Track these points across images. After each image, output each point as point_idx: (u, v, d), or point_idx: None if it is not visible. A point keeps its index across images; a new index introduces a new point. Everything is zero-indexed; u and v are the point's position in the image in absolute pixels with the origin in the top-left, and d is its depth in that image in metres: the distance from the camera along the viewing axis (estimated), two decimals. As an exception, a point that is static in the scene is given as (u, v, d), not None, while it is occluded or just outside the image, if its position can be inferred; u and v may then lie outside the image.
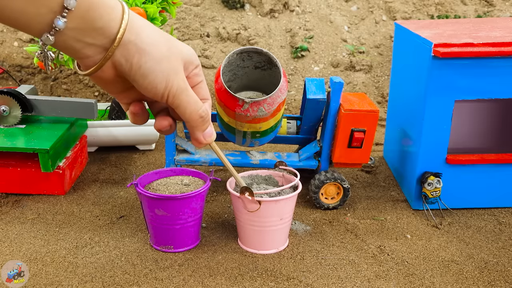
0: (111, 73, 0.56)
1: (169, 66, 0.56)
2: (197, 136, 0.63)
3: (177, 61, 0.57)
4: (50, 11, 0.49)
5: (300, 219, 1.43)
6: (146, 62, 0.54)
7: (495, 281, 1.17)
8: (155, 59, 0.55)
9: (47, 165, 1.47)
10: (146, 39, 0.55)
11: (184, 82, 0.58)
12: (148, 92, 0.57)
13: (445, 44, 1.32)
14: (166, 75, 0.56)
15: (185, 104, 0.59)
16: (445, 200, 1.46)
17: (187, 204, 1.21)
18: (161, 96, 0.57)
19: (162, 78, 0.56)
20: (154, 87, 0.56)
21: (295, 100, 2.31)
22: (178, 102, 0.58)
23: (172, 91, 0.57)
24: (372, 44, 2.48)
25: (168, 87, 0.57)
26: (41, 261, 1.22)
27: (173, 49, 0.57)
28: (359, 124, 1.40)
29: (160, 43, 0.56)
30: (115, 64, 0.55)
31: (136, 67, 0.54)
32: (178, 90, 0.57)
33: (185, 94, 0.58)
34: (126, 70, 0.55)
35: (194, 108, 0.60)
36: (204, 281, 1.15)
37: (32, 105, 1.62)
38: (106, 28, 0.52)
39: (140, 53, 0.54)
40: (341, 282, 1.15)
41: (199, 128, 0.62)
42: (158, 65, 0.55)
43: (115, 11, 0.53)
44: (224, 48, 2.45)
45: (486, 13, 2.57)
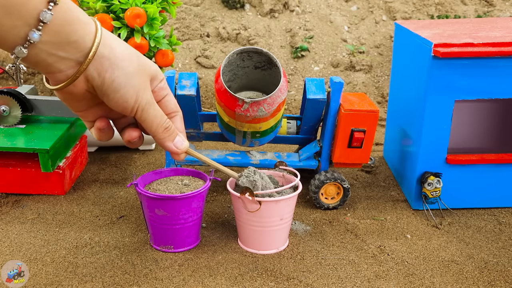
0: (82, 87, 0.56)
1: (139, 81, 0.58)
2: (169, 147, 0.65)
3: (146, 76, 0.59)
4: (25, 24, 0.50)
5: (300, 219, 1.43)
6: (119, 77, 0.56)
7: (495, 281, 1.17)
8: (127, 74, 0.56)
9: (47, 165, 1.47)
10: (120, 54, 0.56)
11: (151, 96, 0.60)
12: (118, 106, 0.58)
13: (445, 44, 1.32)
14: (137, 90, 0.58)
15: (151, 118, 0.61)
16: (445, 200, 1.46)
17: (187, 204, 1.21)
18: (131, 110, 0.59)
19: (133, 93, 0.57)
20: (125, 101, 0.57)
21: (295, 100, 2.31)
22: (145, 116, 0.60)
23: (141, 105, 0.59)
24: (372, 44, 2.48)
25: (137, 101, 0.58)
26: (41, 261, 1.22)
27: (143, 65, 0.59)
28: (359, 124, 1.40)
29: (132, 59, 0.57)
30: (88, 78, 0.55)
31: (109, 82, 0.55)
32: (146, 104, 0.59)
33: (152, 109, 0.60)
34: (98, 84, 0.56)
35: (159, 121, 0.62)
36: (204, 281, 1.15)
37: (32, 105, 1.62)
38: (81, 42, 0.53)
39: (113, 67, 0.55)
40: (341, 282, 1.15)
41: (168, 139, 0.64)
42: (130, 80, 0.56)
43: (89, 26, 0.54)
44: (224, 48, 2.45)
45: (486, 13, 2.57)
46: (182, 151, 0.66)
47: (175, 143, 0.65)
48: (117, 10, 1.53)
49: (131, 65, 0.57)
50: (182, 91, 1.40)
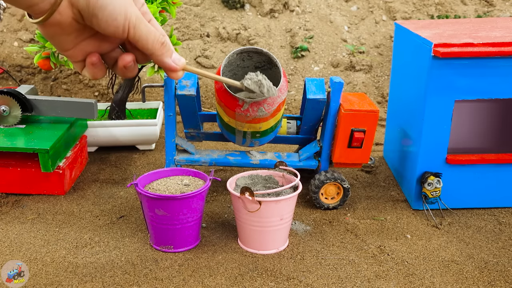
0: (68, 15, 0.56)
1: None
2: (167, 64, 0.63)
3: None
4: None
5: (300, 219, 1.43)
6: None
7: (495, 281, 1.17)
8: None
9: (47, 165, 1.47)
10: None
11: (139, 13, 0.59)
12: (108, 26, 0.57)
13: (445, 44, 1.32)
14: (123, 5, 0.57)
15: (145, 34, 0.59)
16: (445, 200, 1.46)
17: (187, 204, 1.21)
18: (122, 27, 0.58)
19: (121, 8, 0.56)
20: (114, 18, 0.56)
21: (295, 100, 2.31)
22: (139, 33, 0.59)
23: (132, 21, 0.58)
24: (372, 44, 2.48)
25: (127, 17, 0.57)
26: (41, 261, 1.22)
27: None
28: (359, 124, 1.40)
29: None
30: (72, 1, 0.55)
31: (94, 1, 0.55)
32: (137, 20, 0.58)
33: (144, 24, 0.59)
34: (84, 5, 0.55)
35: (154, 36, 0.60)
36: (204, 281, 1.15)
37: (32, 105, 1.62)
38: None
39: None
40: (341, 282, 1.15)
41: (166, 55, 0.62)
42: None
43: None
44: (224, 48, 2.45)
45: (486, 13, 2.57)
46: (180, 67, 0.64)
47: (173, 59, 0.63)
48: (117, 10, 1.53)
49: None
50: (182, 91, 1.40)
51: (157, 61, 0.62)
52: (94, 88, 2.36)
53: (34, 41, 2.37)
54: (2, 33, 2.40)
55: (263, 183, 1.34)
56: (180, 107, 1.45)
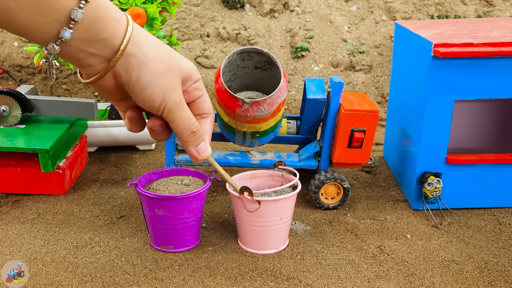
0: (111, 82, 0.57)
1: (167, 81, 0.58)
2: (191, 151, 0.65)
3: (176, 77, 0.59)
4: (57, 21, 0.50)
5: (300, 219, 1.43)
6: (145, 76, 0.56)
7: (495, 281, 1.17)
8: (154, 74, 0.56)
9: (47, 165, 1.47)
10: (148, 54, 0.56)
11: (181, 98, 0.60)
12: (144, 104, 0.58)
13: (445, 44, 1.32)
14: (163, 90, 0.57)
15: (178, 120, 0.61)
16: (445, 200, 1.46)
17: (187, 204, 1.21)
18: (157, 109, 0.59)
19: (160, 93, 0.57)
20: (151, 101, 0.58)
21: (295, 100, 2.31)
22: (172, 116, 0.60)
23: (168, 106, 0.59)
24: (372, 44, 2.48)
25: (164, 101, 0.58)
26: (41, 261, 1.22)
27: (174, 65, 0.58)
28: (359, 124, 1.40)
29: (161, 59, 0.57)
30: (115, 75, 0.56)
31: (135, 80, 0.56)
32: (173, 105, 0.59)
33: (180, 110, 0.60)
34: (125, 81, 0.56)
35: (187, 124, 0.62)
36: (204, 281, 1.15)
37: (32, 105, 1.62)
38: (110, 39, 0.53)
39: (140, 66, 0.55)
40: (341, 282, 1.15)
41: (192, 144, 0.64)
42: (157, 80, 0.57)
43: (119, 24, 0.54)
44: (224, 48, 2.45)
45: (486, 13, 2.57)
46: (203, 158, 0.65)
47: (198, 149, 0.64)
48: (117, 10, 1.53)
49: (159, 65, 0.56)
50: (182, 91, 1.40)
51: (183, 145, 0.64)
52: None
53: (34, 41, 2.37)
54: (2, 33, 2.40)
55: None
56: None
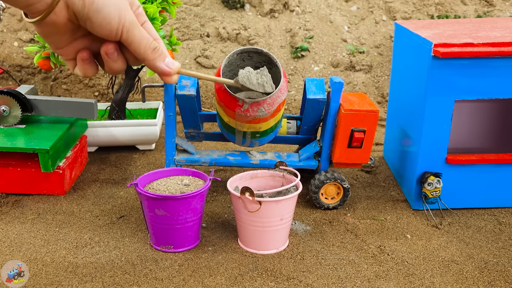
0: (63, 15, 0.56)
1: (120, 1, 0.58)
2: (161, 67, 0.63)
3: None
4: None
5: (300, 219, 1.43)
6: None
7: (495, 281, 1.17)
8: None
9: (47, 165, 1.47)
10: None
11: (134, 17, 0.60)
12: (102, 29, 0.58)
13: (445, 44, 1.32)
14: (119, 9, 0.58)
15: (138, 39, 0.60)
16: (445, 200, 1.46)
17: (187, 204, 1.21)
18: (116, 31, 0.58)
19: (115, 12, 0.57)
20: (108, 22, 0.57)
21: (295, 100, 2.31)
22: (132, 37, 0.59)
23: (126, 26, 0.58)
24: (372, 44, 2.48)
25: (121, 21, 0.58)
26: (41, 261, 1.22)
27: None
28: (359, 124, 1.40)
29: None
30: (68, 4, 0.56)
31: (89, 3, 0.56)
32: (131, 24, 0.59)
33: (138, 29, 0.60)
34: (79, 7, 0.56)
35: (147, 42, 0.61)
36: (204, 281, 1.15)
37: (32, 105, 1.62)
38: None
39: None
40: (341, 282, 1.15)
41: (159, 59, 0.63)
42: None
43: None
44: (224, 48, 2.45)
45: (486, 13, 2.57)
46: (174, 70, 0.64)
47: (167, 63, 0.63)
48: (117, 10, 1.53)
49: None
50: (182, 91, 1.40)
51: (150, 65, 0.63)
52: (94, 88, 2.36)
53: (34, 41, 2.37)
54: (2, 33, 2.40)
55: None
56: (180, 107, 1.45)
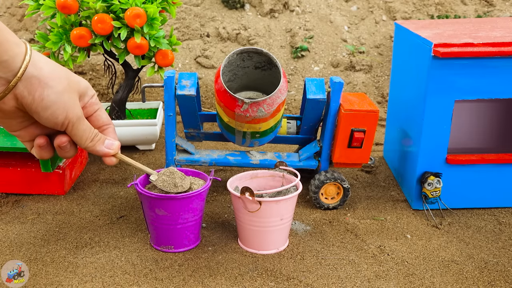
0: (12, 105, 0.59)
1: (69, 98, 0.61)
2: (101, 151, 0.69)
3: (75, 93, 0.63)
4: None
5: (300, 219, 1.43)
6: (48, 96, 0.59)
7: (495, 281, 1.17)
8: (56, 92, 0.60)
9: (47, 165, 1.47)
10: (48, 74, 0.59)
11: (81, 111, 0.64)
12: (48, 122, 0.61)
13: (445, 44, 1.32)
14: (67, 107, 0.61)
15: (81, 133, 0.65)
16: (445, 200, 1.46)
17: (187, 204, 1.21)
18: (61, 125, 0.63)
19: (63, 110, 0.61)
20: (55, 118, 0.61)
21: (295, 100, 2.31)
22: (75, 131, 0.64)
23: (72, 121, 0.63)
24: (372, 44, 2.48)
25: (68, 117, 0.62)
26: (41, 261, 1.22)
27: (72, 82, 0.63)
28: (359, 124, 1.40)
29: (61, 77, 0.61)
30: (17, 97, 0.58)
31: (39, 100, 0.59)
32: (77, 120, 0.63)
33: (82, 123, 0.64)
34: (28, 102, 0.59)
35: (88, 133, 0.66)
36: (204, 281, 1.15)
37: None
38: (11, 62, 0.56)
39: (43, 86, 0.58)
40: (341, 282, 1.15)
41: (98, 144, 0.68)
42: (59, 98, 0.60)
43: (19, 47, 0.57)
44: (224, 48, 2.45)
45: (486, 13, 2.57)
46: (115, 150, 0.70)
47: (106, 145, 0.69)
48: (117, 10, 1.53)
49: (60, 84, 0.60)
50: (182, 91, 1.40)
51: (91, 151, 0.68)
52: (94, 88, 2.36)
53: (34, 41, 2.37)
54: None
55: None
56: (180, 107, 1.45)
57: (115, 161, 0.70)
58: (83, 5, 1.55)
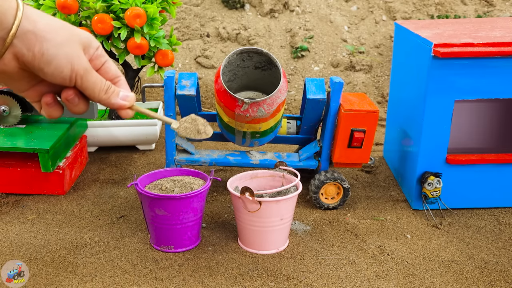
0: (14, 65, 0.57)
1: (71, 50, 0.58)
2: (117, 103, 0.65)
3: (77, 45, 0.59)
4: None
5: (300, 219, 1.43)
6: (48, 49, 0.56)
7: (495, 281, 1.17)
8: (56, 45, 0.57)
9: (47, 165, 1.47)
10: (44, 27, 0.56)
11: (88, 63, 0.61)
12: (55, 78, 0.58)
13: (445, 44, 1.32)
14: (70, 58, 0.58)
15: (92, 85, 0.61)
16: (445, 200, 1.46)
17: (187, 204, 1.21)
18: (69, 79, 0.59)
19: (67, 62, 0.58)
20: (60, 72, 0.58)
21: (295, 100, 2.31)
22: (86, 84, 0.60)
23: (79, 73, 0.59)
24: (372, 44, 2.48)
25: (74, 69, 0.59)
26: (41, 261, 1.22)
27: (72, 34, 0.59)
28: (359, 124, 1.40)
29: (58, 29, 0.57)
30: (17, 55, 0.56)
31: (39, 55, 0.56)
32: (84, 71, 0.59)
33: (91, 75, 0.61)
34: (29, 59, 0.56)
35: (100, 86, 0.62)
36: (204, 281, 1.15)
37: (32, 105, 1.61)
38: (3, 18, 0.53)
39: (41, 41, 0.56)
40: (341, 282, 1.15)
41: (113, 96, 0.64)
42: (60, 50, 0.57)
43: (9, 2, 0.54)
44: (224, 48, 2.45)
45: (486, 13, 2.57)
46: (131, 102, 0.66)
47: (121, 97, 0.65)
48: (117, 10, 1.53)
49: (58, 36, 0.57)
50: (182, 91, 1.40)
51: (106, 104, 0.64)
52: (94, 88, 2.35)
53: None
54: (2, 33, 2.40)
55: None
56: (180, 107, 1.45)
57: (131, 114, 0.67)
58: (83, 5, 1.55)
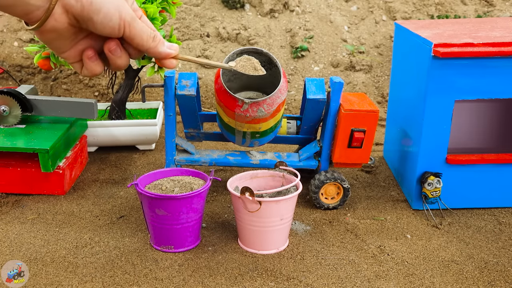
0: (63, 20, 0.57)
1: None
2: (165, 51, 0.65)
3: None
4: None
5: (300, 219, 1.43)
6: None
7: (495, 281, 1.17)
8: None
9: (47, 165, 1.47)
10: None
11: (133, 12, 0.61)
12: (104, 27, 0.59)
13: (445, 44, 1.32)
14: (116, 6, 0.58)
15: (140, 33, 0.61)
16: (445, 200, 1.46)
17: (187, 204, 1.21)
18: (118, 28, 0.59)
19: (115, 10, 0.58)
20: (109, 20, 0.58)
21: (295, 100, 2.31)
22: (134, 31, 0.61)
23: (127, 21, 0.60)
24: (372, 44, 2.48)
25: (122, 17, 0.59)
26: (41, 261, 1.22)
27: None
28: (359, 124, 1.40)
29: None
30: (66, 7, 0.56)
31: (87, 4, 0.56)
32: (131, 19, 0.60)
33: (137, 22, 0.61)
34: (78, 10, 0.57)
35: (147, 33, 0.63)
36: (204, 281, 1.15)
37: (32, 105, 1.62)
38: None
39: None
40: (341, 282, 1.15)
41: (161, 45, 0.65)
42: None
43: None
44: (224, 48, 2.45)
45: (486, 13, 2.57)
46: (176, 51, 0.67)
47: (168, 46, 0.66)
48: (117, 10, 1.53)
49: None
50: (182, 91, 1.40)
51: (153, 53, 0.64)
52: (94, 88, 2.36)
53: (34, 41, 2.37)
54: (2, 33, 2.40)
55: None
56: (180, 107, 1.45)
57: (175, 64, 0.67)
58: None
